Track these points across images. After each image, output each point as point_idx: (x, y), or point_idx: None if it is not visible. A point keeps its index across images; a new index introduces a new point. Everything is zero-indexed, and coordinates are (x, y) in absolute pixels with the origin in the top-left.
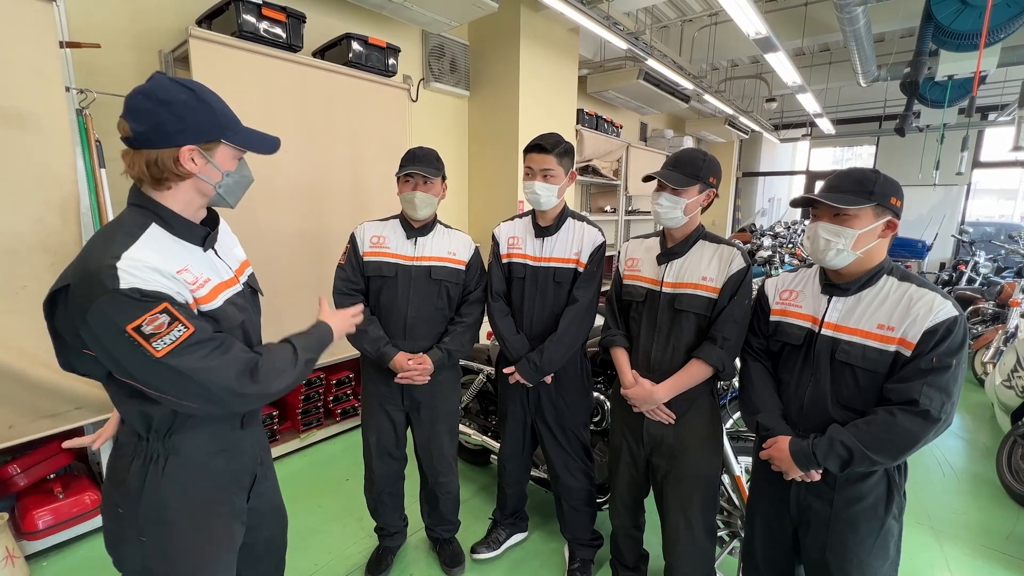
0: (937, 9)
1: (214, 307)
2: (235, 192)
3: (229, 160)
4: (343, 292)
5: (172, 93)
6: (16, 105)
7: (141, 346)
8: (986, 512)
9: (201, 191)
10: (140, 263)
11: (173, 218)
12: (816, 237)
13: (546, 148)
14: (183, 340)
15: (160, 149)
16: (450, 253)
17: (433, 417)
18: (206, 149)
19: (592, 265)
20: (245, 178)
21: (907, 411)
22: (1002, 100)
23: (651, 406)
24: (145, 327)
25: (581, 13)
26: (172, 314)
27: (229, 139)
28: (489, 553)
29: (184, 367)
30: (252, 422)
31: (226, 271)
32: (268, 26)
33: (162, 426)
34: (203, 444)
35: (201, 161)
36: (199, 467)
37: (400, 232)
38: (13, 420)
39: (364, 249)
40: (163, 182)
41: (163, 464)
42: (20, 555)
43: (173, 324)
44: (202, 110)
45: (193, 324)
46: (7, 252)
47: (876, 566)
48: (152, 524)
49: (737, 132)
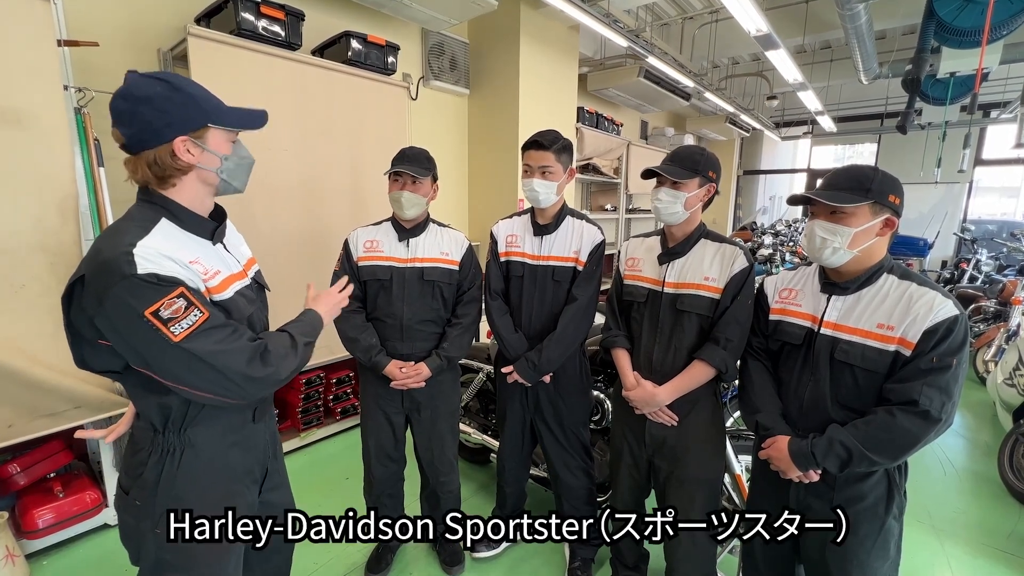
0: (939, 6)
1: (225, 297)
2: (238, 175)
3: (223, 144)
4: None
5: (147, 88)
6: (14, 104)
7: (159, 330)
8: (987, 511)
9: (205, 180)
10: (155, 251)
11: (182, 212)
12: (813, 235)
13: (544, 144)
14: (200, 324)
15: (155, 148)
16: (442, 253)
17: (434, 417)
18: (197, 137)
19: (591, 264)
20: (244, 159)
21: (907, 411)
22: (1004, 97)
23: (653, 408)
24: (163, 311)
25: (581, 11)
26: (188, 299)
27: (216, 121)
28: (488, 552)
29: (201, 352)
30: (264, 415)
31: (235, 264)
32: (267, 24)
33: (178, 420)
34: (218, 437)
35: (196, 150)
36: (213, 460)
37: (392, 234)
38: (12, 419)
39: (358, 254)
40: (167, 179)
41: (179, 457)
42: (20, 554)
43: (190, 308)
44: (181, 99)
45: (208, 309)
46: (5, 251)
47: (876, 566)
48: (165, 515)
49: (738, 130)
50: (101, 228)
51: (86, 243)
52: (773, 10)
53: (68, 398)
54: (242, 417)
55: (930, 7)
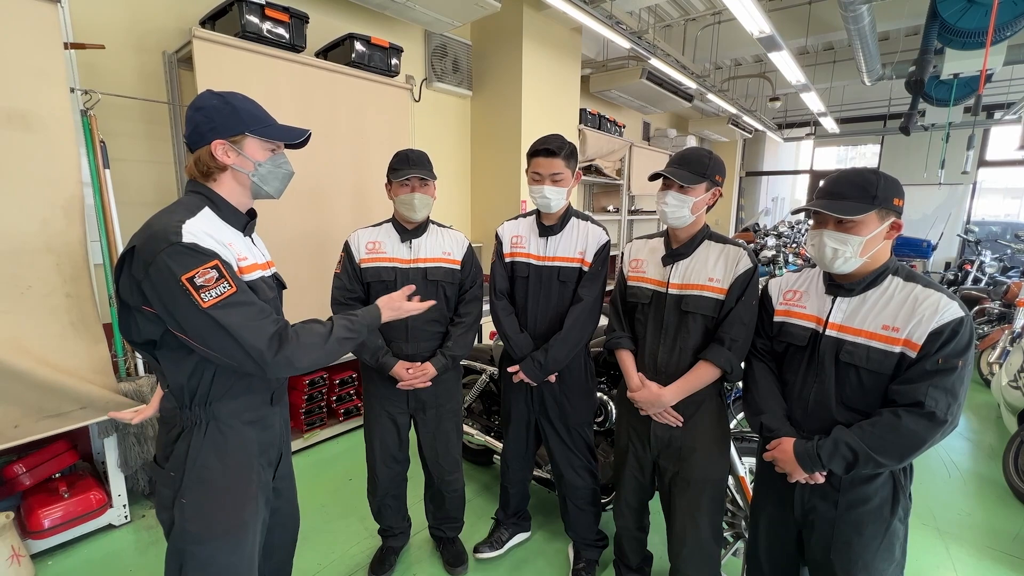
0: (943, 7)
1: (252, 278)
2: (270, 181)
3: (259, 151)
4: (340, 302)
5: (205, 101)
6: (21, 106)
7: (191, 295)
8: (992, 513)
9: (239, 181)
10: (200, 229)
11: (222, 202)
12: (822, 246)
13: (554, 151)
14: (227, 296)
15: (200, 147)
16: (445, 253)
17: (439, 416)
18: (234, 142)
19: (597, 264)
20: (281, 168)
21: (912, 413)
22: (1008, 98)
23: (658, 409)
24: (197, 279)
25: (584, 12)
26: (220, 271)
27: (254, 132)
28: (492, 553)
29: (224, 321)
30: (280, 400)
31: (260, 256)
32: (271, 27)
33: (203, 395)
34: (238, 412)
35: (232, 153)
36: (235, 433)
37: (394, 236)
38: (18, 419)
39: (360, 256)
40: (208, 175)
41: (204, 429)
42: (25, 554)
43: (220, 280)
44: (226, 111)
45: (236, 284)
46: (12, 252)
47: (882, 568)
48: (193, 484)
49: (740, 131)
50: (107, 229)
51: (92, 244)
52: (775, 12)
53: (74, 399)
54: (261, 398)
55: (933, 8)
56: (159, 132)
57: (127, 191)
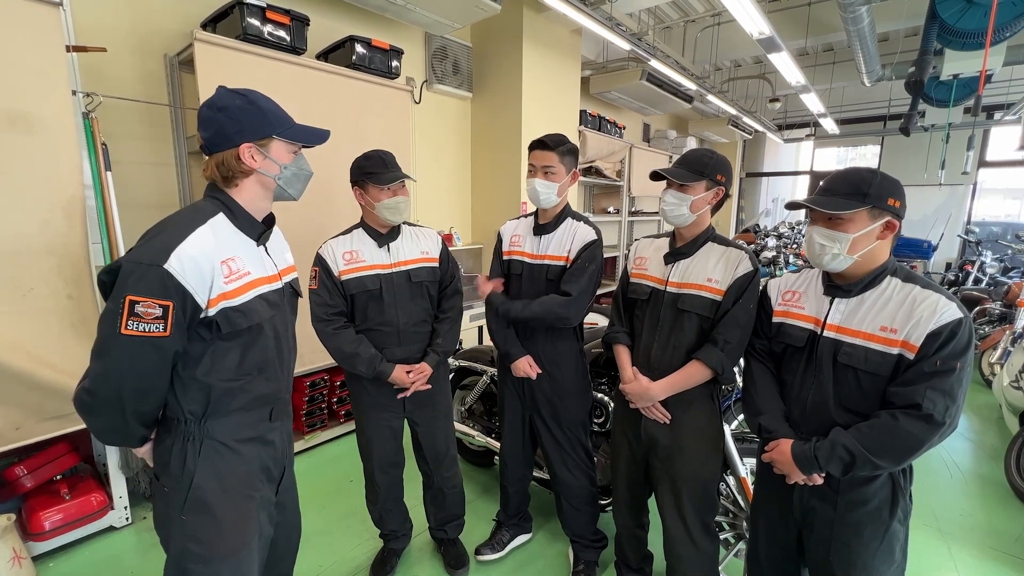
0: (942, 8)
1: (239, 302)
2: (294, 184)
3: (284, 154)
4: (322, 319)
5: (228, 100)
6: (23, 108)
7: (120, 314)
8: (994, 514)
9: (264, 184)
10: (195, 252)
11: (238, 210)
12: (812, 242)
13: (548, 145)
14: (148, 336)
15: (224, 151)
16: (423, 252)
17: (435, 414)
18: (262, 145)
19: (579, 260)
20: (303, 170)
21: (910, 415)
22: (1008, 99)
23: (646, 403)
24: (139, 306)
25: (583, 14)
26: (167, 314)
27: (280, 134)
28: (493, 555)
29: (121, 353)
30: (280, 416)
31: (271, 267)
32: (272, 29)
33: (198, 412)
34: (233, 431)
35: (259, 156)
36: (231, 452)
37: (369, 242)
38: (20, 421)
39: (340, 268)
40: (231, 180)
41: (199, 446)
42: (27, 556)
43: (158, 320)
44: (253, 112)
45: (171, 332)
46: (13, 254)
47: (881, 570)
48: (191, 504)
49: (740, 132)
50: (108, 232)
51: (93, 247)
52: (775, 13)
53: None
54: (258, 415)
55: (933, 9)
56: (161, 134)
57: (129, 193)
